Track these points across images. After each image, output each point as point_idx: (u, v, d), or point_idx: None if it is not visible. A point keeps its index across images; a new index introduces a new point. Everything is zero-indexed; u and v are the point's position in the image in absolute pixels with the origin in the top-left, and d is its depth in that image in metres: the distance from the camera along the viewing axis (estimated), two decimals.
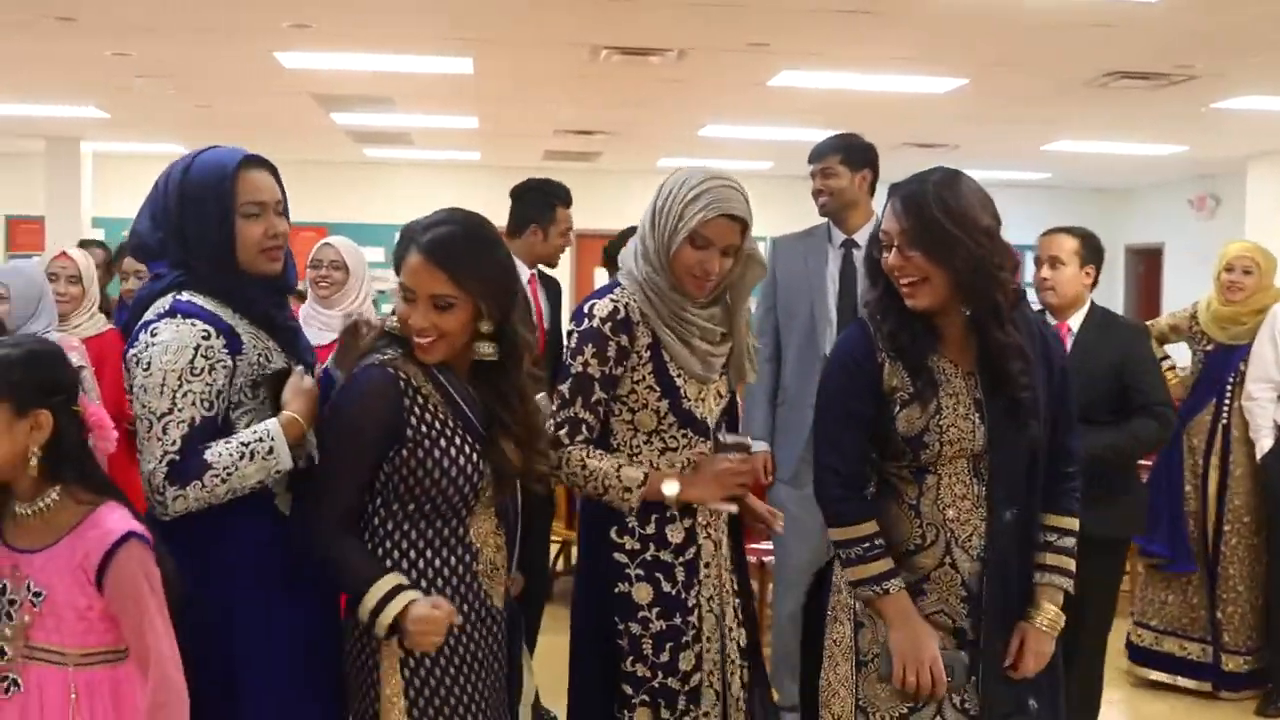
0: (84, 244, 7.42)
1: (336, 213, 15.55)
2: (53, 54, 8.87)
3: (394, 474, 2.77)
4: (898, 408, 2.90)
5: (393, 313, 2.91)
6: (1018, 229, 2.98)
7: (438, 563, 2.81)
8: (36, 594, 2.50)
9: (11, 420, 2.48)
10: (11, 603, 2.52)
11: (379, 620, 2.68)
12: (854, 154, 4.82)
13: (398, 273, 2.86)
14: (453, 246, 2.79)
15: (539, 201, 5.37)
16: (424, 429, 2.76)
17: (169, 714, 2.51)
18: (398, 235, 2.89)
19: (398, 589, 2.70)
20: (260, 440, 2.74)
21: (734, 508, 3.23)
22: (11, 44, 8.55)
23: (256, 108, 11.04)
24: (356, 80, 9.65)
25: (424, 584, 2.78)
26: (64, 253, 5.08)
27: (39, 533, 2.54)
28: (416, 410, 2.77)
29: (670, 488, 3.10)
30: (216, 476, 2.69)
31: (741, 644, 3.28)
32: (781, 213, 6.04)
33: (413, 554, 2.79)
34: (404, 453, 2.75)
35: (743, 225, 3.13)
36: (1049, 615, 2.98)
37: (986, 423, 2.90)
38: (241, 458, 2.71)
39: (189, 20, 7.72)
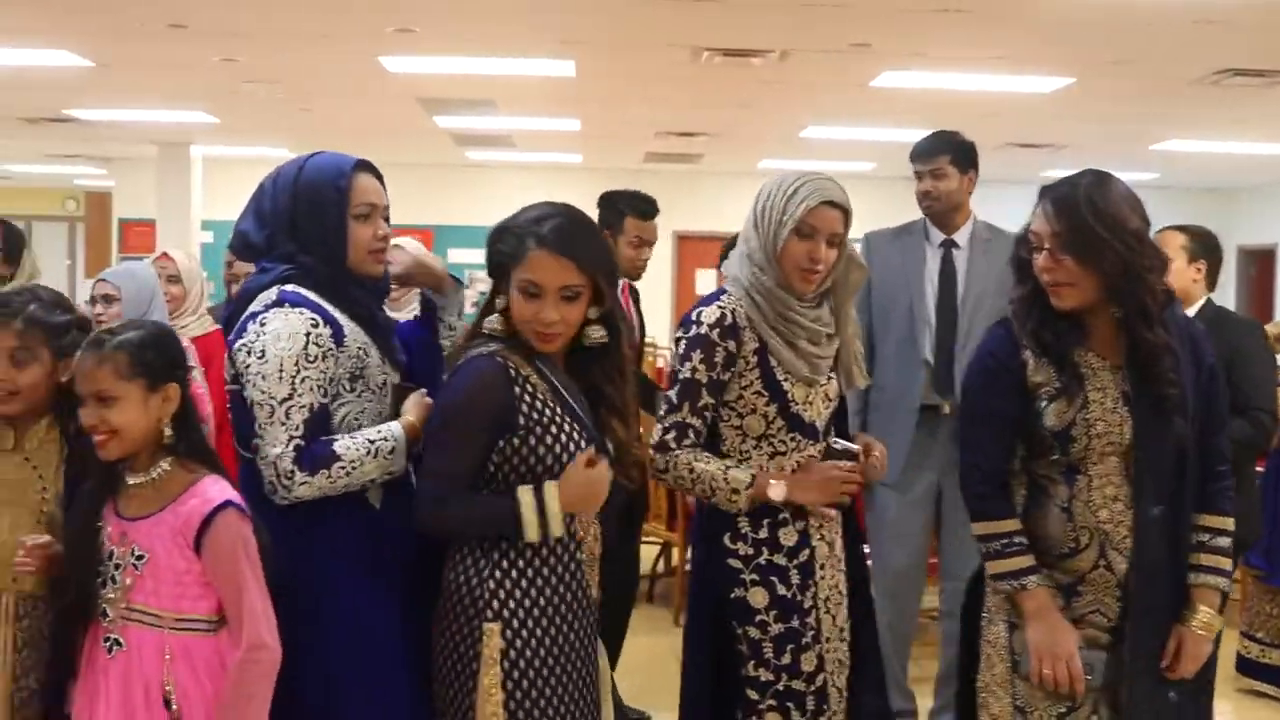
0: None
1: (439, 215, 15.73)
2: (164, 60, 9.06)
3: (504, 463, 2.79)
4: (1044, 402, 2.94)
5: (484, 314, 2.91)
6: None
7: (544, 552, 2.82)
8: (139, 557, 2.64)
9: (146, 396, 2.66)
10: (117, 567, 2.65)
11: (550, 522, 2.75)
12: (962, 154, 4.77)
13: (500, 273, 2.86)
14: (574, 235, 2.83)
15: (611, 208, 5.30)
16: (535, 416, 2.79)
17: (260, 670, 2.62)
18: (497, 235, 2.89)
19: (537, 492, 2.76)
20: (385, 440, 2.81)
21: (835, 514, 3.22)
22: (126, 51, 8.75)
23: (361, 111, 11.19)
24: (459, 83, 9.74)
25: (530, 572, 2.80)
26: (165, 253, 5.15)
27: (148, 501, 2.68)
28: (526, 399, 2.79)
29: (777, 490, 3.11)
30: (343, 469, 2.76)
31: (850, 643, 3.28)
32: (883, 214, 5.98)
33: (520, 543, 2.80)
34: (515, 441, 2.78)
35: (844, 213, 3.16)
36: (1204, 618, 2.96)
37: (1134, 416, 2.91)
38: (368, 454, 2.78)
39: (296, 26, 7.85)
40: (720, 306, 3.17)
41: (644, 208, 5.30)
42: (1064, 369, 2.93)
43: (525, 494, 2.76)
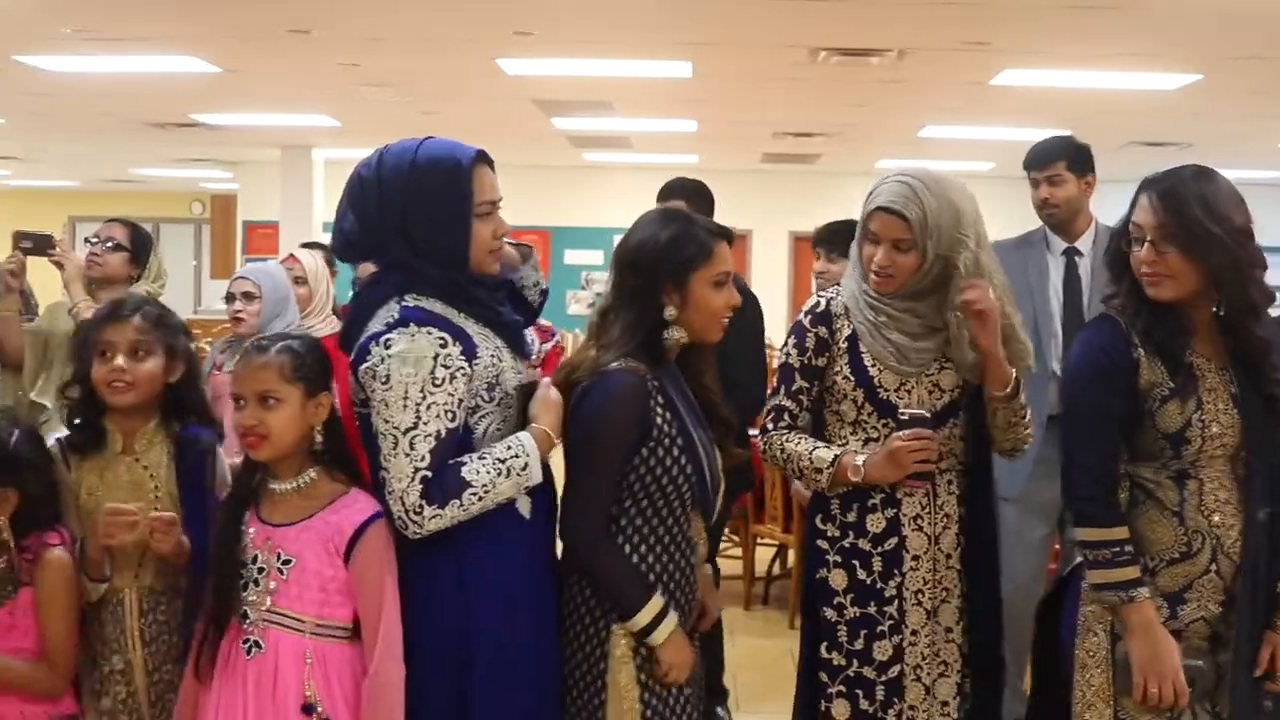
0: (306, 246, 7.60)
1: (557, 216, 15.83)
2: (287, 66, 9.24)
3: (630, 473, 2.80)
4: (1157, 404, 2.86)
5: (639, 328, 2.87)
6: (1257, 231, 2.91)
7: (665, 558, 2.84)
8: (286, 561, 2.69)
9: (303, 402, 2.73)
10: (261, 570, 2.70)
11: (651, 639, 2.77)
12: (1078, 158, 4.66)
13: (677, 280, 2.86)
14: None
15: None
16: (665, 428, 2.81)
17: (389, 694, 2.65)
18: (673, 245, 2.86)
19: (666, 609, 2.78)
20: (516, 456, 2.68)
21: (924, 485, 3.15)
22: (250, 57, 8.93)
23: (479, 113, 11.29)
24: (577, 85, 9.81)
25: (658, 568, 2.83)
26: (291, 255, 5.22)
27: (295, 508, 2.73)
28: (660, 410, 2.81)
29: (855, 470, 3.11)
30: (474, 495, 2.63)
31: (963, 649, 3.21)
32: (1004, 214, 5.90)
33: (643, 549, 2.82)
34: (644, 452, 2.79)
35: (903, 219, 3.07)
36: None
37: (1244, 417, 2.85)
38: (499, 474, 2.65)
39: (415, 30, 7.94)
40: (819, 296, 3.28)
41: (669, 191, 4.90)
42: (1178, 369, 2.86)
43: (655, 605, 2.77)
